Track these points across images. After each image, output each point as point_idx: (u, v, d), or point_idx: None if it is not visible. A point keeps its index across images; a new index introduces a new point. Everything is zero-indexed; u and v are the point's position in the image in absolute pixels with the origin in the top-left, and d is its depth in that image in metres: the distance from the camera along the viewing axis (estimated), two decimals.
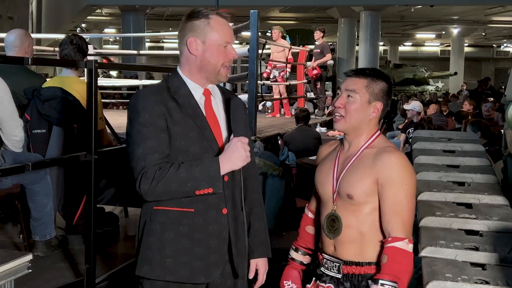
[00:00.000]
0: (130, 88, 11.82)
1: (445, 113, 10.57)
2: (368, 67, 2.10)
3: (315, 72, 9.61)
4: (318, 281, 2.07)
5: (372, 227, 1.94)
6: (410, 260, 1.89)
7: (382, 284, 1.81)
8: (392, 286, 1.81)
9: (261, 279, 2.10)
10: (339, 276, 1.99)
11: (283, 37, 9.34)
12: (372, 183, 1.92)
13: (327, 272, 2.04)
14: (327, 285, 2.02)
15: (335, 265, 2.01)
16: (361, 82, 1.96)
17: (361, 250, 1.97)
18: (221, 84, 2.10)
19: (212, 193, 1.83)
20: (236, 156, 1.83)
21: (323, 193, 2.08)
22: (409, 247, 1.88)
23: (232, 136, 1.88)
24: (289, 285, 2.20)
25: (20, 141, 3.06)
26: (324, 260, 2.06)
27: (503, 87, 19.73)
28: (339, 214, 1.99)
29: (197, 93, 1.95)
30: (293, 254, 2.28)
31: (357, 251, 1.98)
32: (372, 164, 1.93)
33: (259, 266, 2.09)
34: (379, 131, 2.04)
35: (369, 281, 1.89)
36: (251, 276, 2.08)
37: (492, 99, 11.98)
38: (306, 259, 2.26)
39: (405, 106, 8.47)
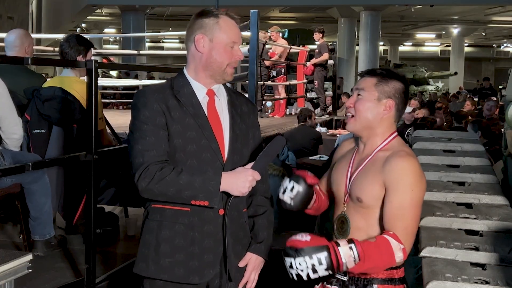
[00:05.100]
0: (126, 88, 11.81)
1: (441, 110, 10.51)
2: (382, 68, 2.07)
3: (307, 68, 9.69)
4: (325, 283, 2.04)
5: (381, 232, 1.90)
6: (389, 261, 1.82)
7: (350, 248, 1.74)
8: (352, 249, 1.74)
9: (247, 276, 1.99)
10: (345, 278, 1.97)
11: (283, 37, 9.35)
12: (380, 186, 1.88)
13: None
14: (333, 287, 1.99)
15: None
16: (371, 81, 1.93)
17: None
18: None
19: (207, 206, 1.82)
20: (239, 184, 1.82)
21: (336, 192, 2.05)
22: (398, 255, 1.81)
23: (250, 164, 1.86)
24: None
25: (19, 139, 3.06)
26: None
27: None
28: (348, 216, 1.96)
29: (201, 93, 1.94)
30: None
31: None
32: (381, 167, 1.88)
33: (250, 262, 1.99)
34: (396, 133, 1.98)
35: (339, 242, 1.78)
36: (241, 264, 1.98)
37: (494, 98, 11.97)
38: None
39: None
